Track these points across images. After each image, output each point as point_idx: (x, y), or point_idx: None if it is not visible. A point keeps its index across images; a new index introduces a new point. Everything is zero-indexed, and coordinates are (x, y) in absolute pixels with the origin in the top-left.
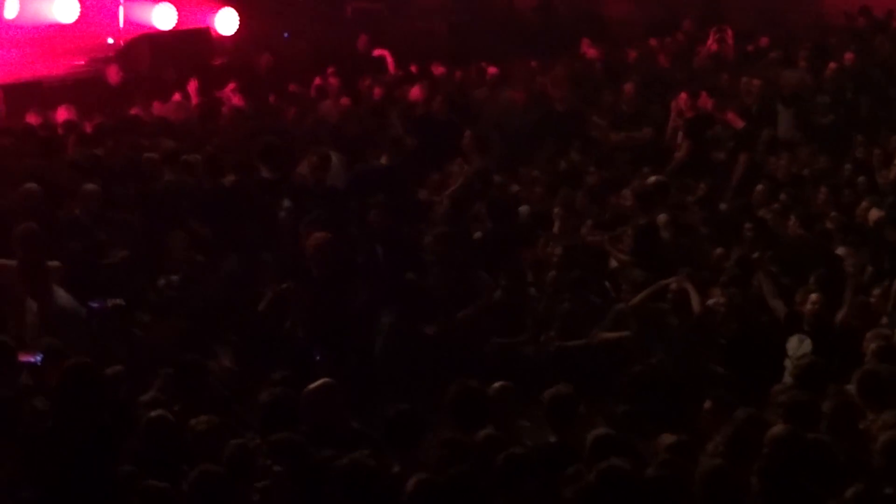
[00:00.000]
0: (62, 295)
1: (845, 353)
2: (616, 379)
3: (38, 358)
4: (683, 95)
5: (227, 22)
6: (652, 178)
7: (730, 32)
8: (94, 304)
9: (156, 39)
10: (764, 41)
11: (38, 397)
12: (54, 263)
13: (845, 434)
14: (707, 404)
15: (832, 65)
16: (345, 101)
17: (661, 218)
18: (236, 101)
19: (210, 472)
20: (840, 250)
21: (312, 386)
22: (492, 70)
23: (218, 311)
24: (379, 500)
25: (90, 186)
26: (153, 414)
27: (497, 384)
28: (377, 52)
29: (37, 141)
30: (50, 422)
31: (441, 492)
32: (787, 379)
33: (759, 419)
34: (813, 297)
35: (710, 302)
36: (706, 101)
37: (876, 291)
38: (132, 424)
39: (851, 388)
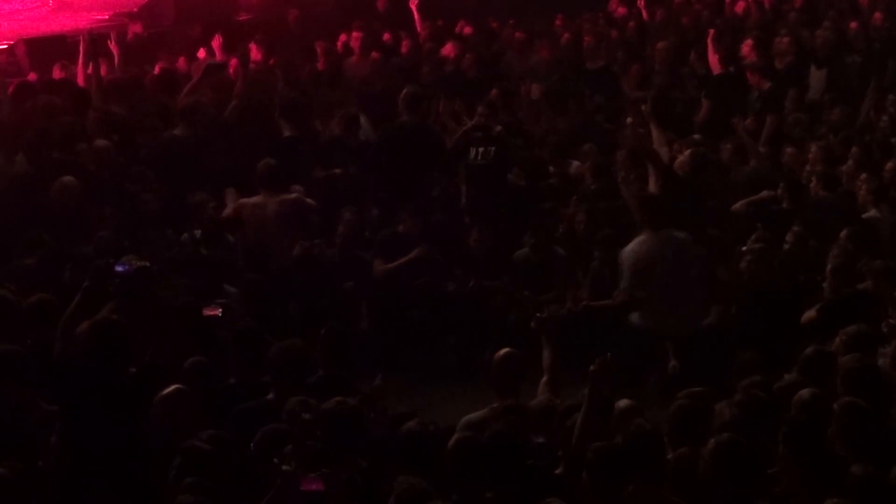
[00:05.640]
0: None
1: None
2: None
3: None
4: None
5: None
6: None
7: None
8: (120, 268)
9: None
10: (798, 2)
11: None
12: None
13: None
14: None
15: (853, 24)
16: (375, 55)
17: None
18: (257, 56)
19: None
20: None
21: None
22: (518, 35)
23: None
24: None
25: (102, 142)
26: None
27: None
28: (411, 3)
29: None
30: (77, 376)
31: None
32: None
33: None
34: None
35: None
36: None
37: None
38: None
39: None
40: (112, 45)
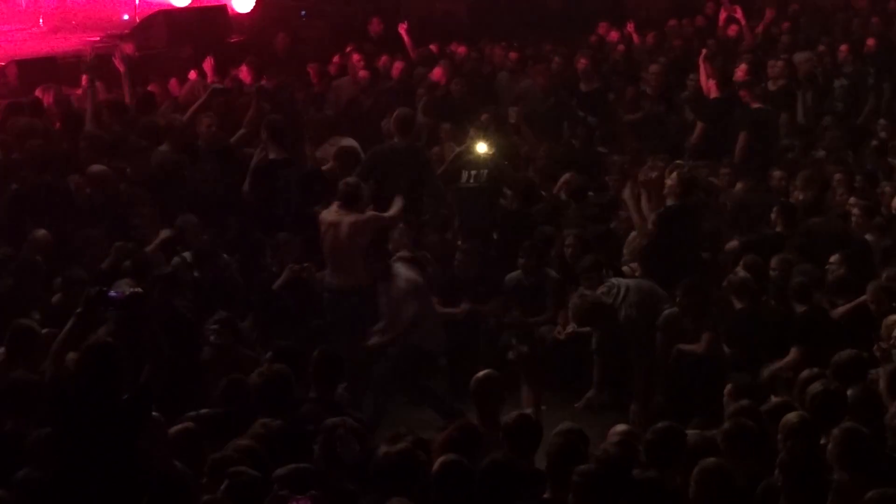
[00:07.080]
0: None
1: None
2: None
3: None
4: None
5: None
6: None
7: (739, 12)
8: (113, 294)
9: (172, 16)
10: (786, 25)
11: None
12: None
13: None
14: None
15: (843, 48)
16: (363, 73)
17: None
18: (246, 78)
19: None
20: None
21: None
22: (512, 55)
23: (232, 290)
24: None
25: (98, 168)
26: None
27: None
28: (400, 28)
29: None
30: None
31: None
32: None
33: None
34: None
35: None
36: (742, 75)
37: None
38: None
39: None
40: (117, 62)
